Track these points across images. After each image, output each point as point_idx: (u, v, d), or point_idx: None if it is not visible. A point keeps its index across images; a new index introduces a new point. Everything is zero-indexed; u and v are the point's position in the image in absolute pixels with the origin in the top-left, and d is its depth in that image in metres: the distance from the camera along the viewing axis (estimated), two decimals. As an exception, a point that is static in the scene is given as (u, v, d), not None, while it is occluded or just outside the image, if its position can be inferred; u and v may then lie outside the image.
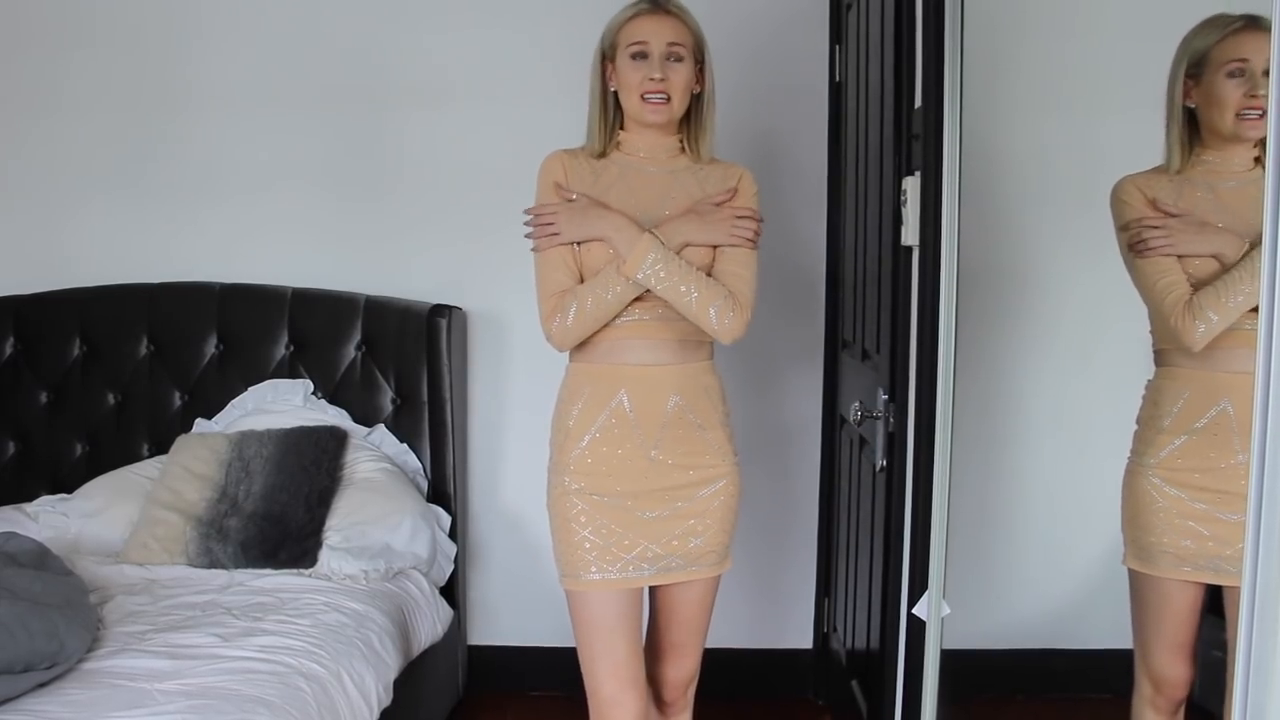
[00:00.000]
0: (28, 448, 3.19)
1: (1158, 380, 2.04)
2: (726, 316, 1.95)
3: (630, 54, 1.98)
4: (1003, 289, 2.72)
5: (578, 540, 1.99)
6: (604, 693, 2.01)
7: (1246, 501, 1.02)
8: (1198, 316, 1.86)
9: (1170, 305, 1.90)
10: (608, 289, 1.95)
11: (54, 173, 3.23)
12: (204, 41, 3.18)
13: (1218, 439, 1.92)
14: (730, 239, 2.00)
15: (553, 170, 2.04)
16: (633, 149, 2.05)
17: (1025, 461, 2.76)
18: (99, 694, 1.93)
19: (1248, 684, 0.99)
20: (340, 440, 2.93)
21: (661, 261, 1.92)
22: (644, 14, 2.00)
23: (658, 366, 2.00)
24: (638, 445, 1.99)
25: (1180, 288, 1.90)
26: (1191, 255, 1.92)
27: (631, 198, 2.01)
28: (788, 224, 3.12)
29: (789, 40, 3.10)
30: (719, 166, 2.09)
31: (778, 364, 3.20)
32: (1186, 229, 1.92)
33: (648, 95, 1.97)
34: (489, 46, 3.13)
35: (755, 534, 3.19)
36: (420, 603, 2.72)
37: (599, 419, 1.99)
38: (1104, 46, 2.53)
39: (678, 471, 2.00)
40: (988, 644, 2.72)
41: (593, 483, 1.99)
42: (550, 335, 2.00)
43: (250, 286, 3.15)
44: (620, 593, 1.99)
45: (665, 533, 2.00)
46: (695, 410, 2.02)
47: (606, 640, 2.00)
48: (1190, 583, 1.97)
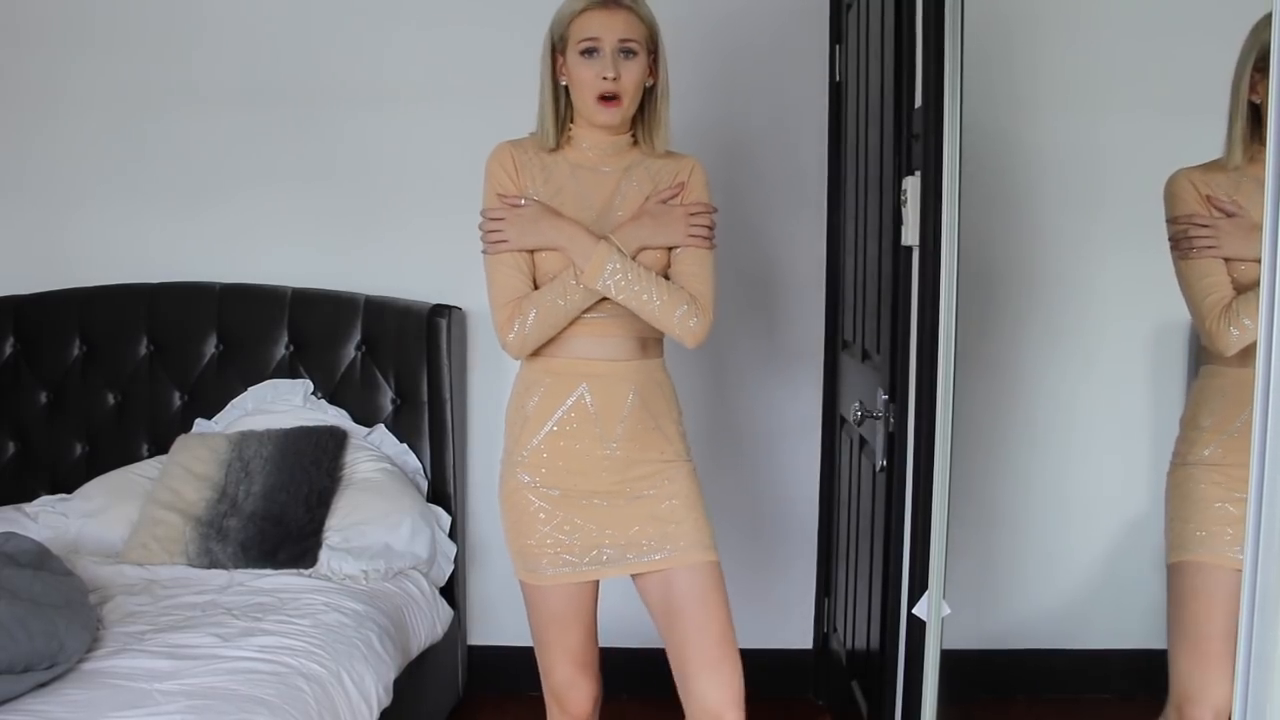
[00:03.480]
0: (28, 448, 3.19)
1: (1200, 380, 1.99)
2: (691, 321, 1.92)
3: (580, 50, 1.90)
4: (1003, 289, 2.72)
5: (535, 536, 1.97)
6: (558, 676, 2.03)
7: (1246, 501, 1.02)
8: (1233, 323, 1.82)
9: (1209, 308, 1.85)
10: (565, 296, 1.90)
11: (54, 173, 3.23)
12: (204, 41, 3.17)
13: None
14: (686, 240, 1.95)
15: (500, 167, 1.97)
16: (583, 145, 1.99)
17: (1025, 461, 2.76)
18: (99, 694, 1.93)
19: (1248, 684, 0.99)
20: (340, 440, 2.93)
21: (620, 270, 1.88)
22: (594, 8, 1.90)
23: (617, 363, 1.96)
24: (596, 440, 1.95)
25: (1220, 290, 1.85)
26: (1239, 259, 1.85)
27: (583, 199, 1.96)
28: (788, 224, 3.12)
29: (789, 40, 3.10)
30: (670, 159, 2.02)
31: (778, 364, 3.20)
32: (1235, 231, 1.86)
33: (601, 95, 1.90)
34: (489, 46, 3.13)
35: (756, 534, 3.19)
36: (420, 603, 2.72)
37: (557, 413, 1.96)
38: (1105, 46, 2.53)
39: (634, 465, 1.97)
40: (988, 644, 2.72)
41: (548, 477, 1.96)
42: (506, 344, 1.96)
43: (250, 286, 3.14)
44: (577, 585, 1.99)
45: (625, 523, 1.96)
46: (650, 407, 1.99)
47: (561, 630, 2.00)
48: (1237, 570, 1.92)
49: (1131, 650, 2.39)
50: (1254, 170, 1.86)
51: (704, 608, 1.95)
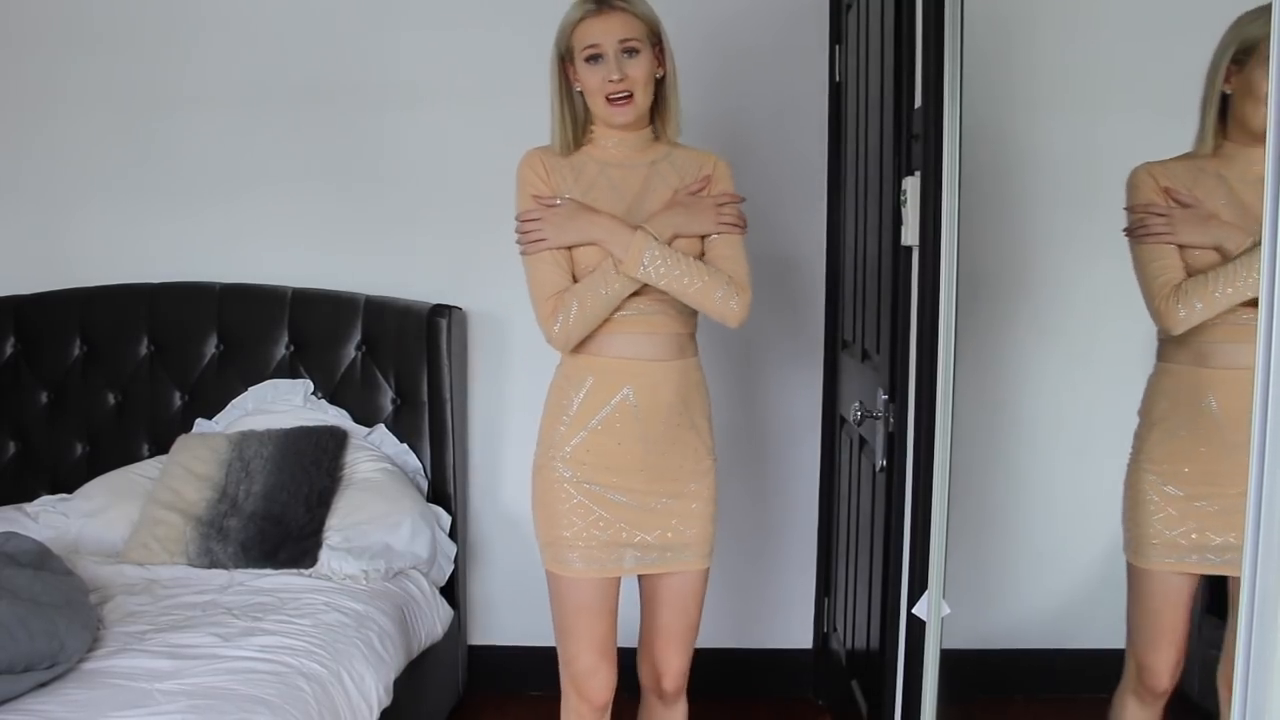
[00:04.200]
0: (28, 448, 3.19)
1: (1153, 376, 2.07)
2: (732, 301, 1.99)
3: (585, 56, 1.98)
4: (1003, 289, 2.72)
5: (570, 529, 2.03)
6: (581, 664, 2.09)
7: (1246, 501, 1.02)
8: (1182, 302, 1.88)
9: (1159, 288, 1.92)
10: (606, 285, 1.96)
11: (54, 173, 3.23)
12: (203, 42, 3.18)
13: (1205, 433, 1.95)
14: (717, 226, 2.04)
15: (531, 171, 2.05)
16: (607, 144, 2.06)
17: (1025, 461, 2.77)
18: (99, 694, 1.93)
19: (1248, 684, 0.99)
20: (340, 440, 2.93)
21: (660, 257, 1.95)
22: (590, 15, 1.99)
23: (659, 363, 2.03)
24: (637, 439, 2.02)
25: (1171, 273, 1.92)
26: (1192, 246, 1.92)
27: (615, 194, 2.04)
28: (788, 224, 3.12)
29: (789, 40, 3.10)
30: (694, 154, 2.11)
31: (778, 364, 3.20)
32: (1189, 219, 1.93)
33: (611, 97, 1.98)
34: (490, 46, 3.13)
35: (755, 534, 3.19)
36: (420, 603, 2.72)
37: (602, 411, 2.02)
38: (1104, 46, 2.53)
39: (669, 467, 2.05)
40: (988, 644, 2.73)
41: (588, 473, 2.03)
42: (552, 337, 2.01)
43: (250, 286, 3.15)
44: (604, 579, 2.06)
45: (653, 525, 2.05)
46: (689, 406, 2.07)
47: (588, 621, 2.07)
48: (1180, 573, 2.01)
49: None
50: (1217, 163, 1.94)
51: (685, 607, 2.14)
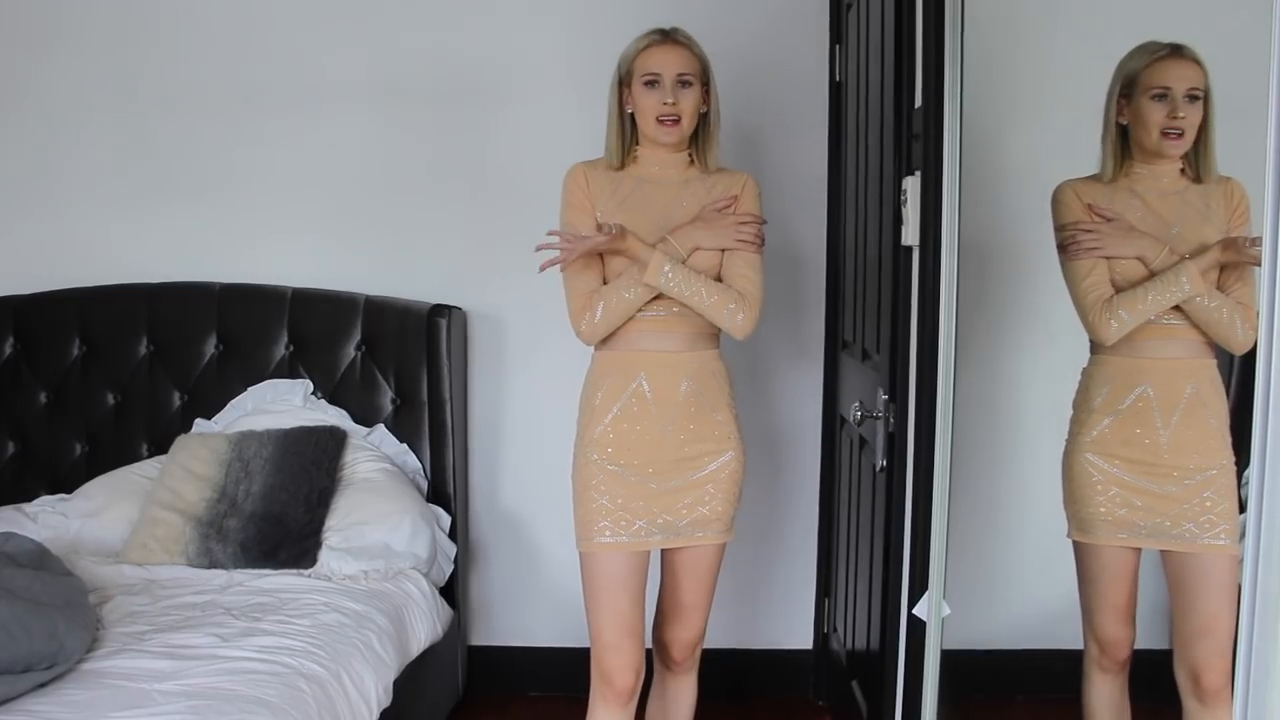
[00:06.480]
0: (27, 448, 3.19)
1: (1089, 368, 2.24)
2: (739, 316, 2.21)
3: (644, 82, 2.22)
4: (1003, 289, 2.72)
5: (594, 506, 2.22)
6: (605, 638, 2.23)
7: (1247, 501, 1.02)
8: (1113, 315, 2.12)
9: (1091, 303, 2.14)
10: (629, 290, 2.20)
11: (54, 173, 3.23)
12: (202, 41, 3.17)
13: (1141, 417, 2.14)
14: (735, 243, 2.24)
15: (575, 184, 2.27)
16: (648, 163, 2.29)
17: (1025, 461, 2.76)
18: (99, 694, 1.93)
19: (1248, 684, 0.99)
20: (340, 440, 2.93)
21: (673, 271, 2.18)
22: (655, 45, 2.23)
23: (674, 354, 2.24)
24: (654, 422, 2.22)
25: (1101, 288, 2.14)
26: (1118, 257, 2.15)
27: (647, 205, 2.26)
28: (788, 224, 3.12)
29: (789, 40, 3.10)
30: (726, 175, 2.32)
31: (778, 364, 3.20)
32: (1114, 233, 2.15)
33: (661, 118, 2.21)
34: (490, 48, 3.13)
35: (756, 534, 3.19)
36: (420, 603, 2.72)
37: (620, 400, 2.23)
38: (1104, 46, 2.53)
39: (688, 446, 2.24)
40: (988, 644, 2.72)
41: (613, 455, 2.23)
42: (580, 331, 2.24)
43: (250, 286, 3.14)
44: (629, 554, 2.22)
45: (675, 501, 2.23)
46: (705, 393, 2.25)
47: (612, 595, 2.22)
48: (1126, 548, 2.18)
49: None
50: (1124, 182, 2.18)
51: (709, 575, 2.34)
